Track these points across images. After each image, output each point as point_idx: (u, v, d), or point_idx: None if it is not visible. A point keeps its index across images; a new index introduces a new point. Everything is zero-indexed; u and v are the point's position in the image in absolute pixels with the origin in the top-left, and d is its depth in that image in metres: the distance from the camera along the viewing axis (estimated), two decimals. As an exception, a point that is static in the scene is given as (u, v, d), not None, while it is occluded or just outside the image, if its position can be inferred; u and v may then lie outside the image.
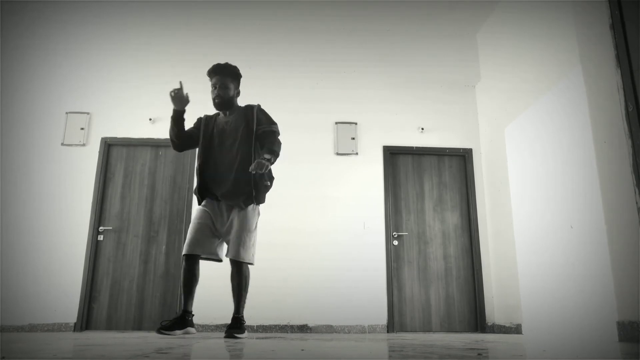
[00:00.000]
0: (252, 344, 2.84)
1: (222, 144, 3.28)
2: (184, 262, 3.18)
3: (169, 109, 5.73)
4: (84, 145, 5.56)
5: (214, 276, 4.31)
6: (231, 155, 3.25)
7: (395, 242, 5.61)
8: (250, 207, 3.26)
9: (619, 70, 3.20)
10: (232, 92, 3.35)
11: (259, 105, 3.43)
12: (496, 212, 5.51)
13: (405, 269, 5.56)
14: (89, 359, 1.83)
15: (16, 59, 5.73)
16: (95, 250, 5.30)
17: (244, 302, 3.27)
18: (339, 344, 2.86)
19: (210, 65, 3.54)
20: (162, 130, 5.69)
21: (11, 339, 3.28)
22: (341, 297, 5.29)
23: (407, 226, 5.70)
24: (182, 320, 3.17)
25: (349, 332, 5.13)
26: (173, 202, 5.55)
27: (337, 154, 5.78)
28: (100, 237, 5.35)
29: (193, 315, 3.26)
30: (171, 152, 5.70)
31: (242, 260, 3.18)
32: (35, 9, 5.64)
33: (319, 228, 5.49)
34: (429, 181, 5.86)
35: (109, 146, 5.64)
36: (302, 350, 2.38)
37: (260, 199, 3.27)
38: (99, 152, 5.56)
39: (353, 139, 5.83)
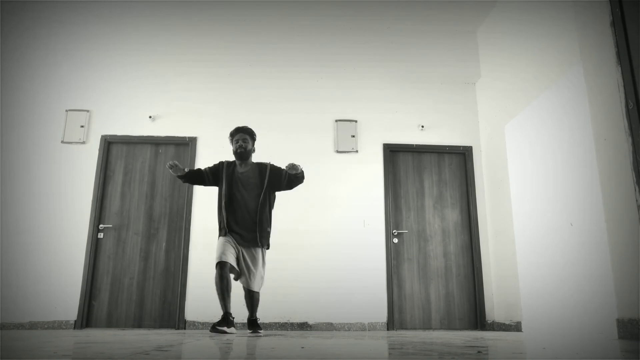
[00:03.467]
0: (252, 342, 2.85)
1: (242, 191, 3.94)
2: (217, 272, 3.70)
3: (168, 106, 5.76)
4: (84, 142, 5.56)
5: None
6: (248, 204, 3.91)
7: (395, 240, 5.60)
8: (262, 249, 3.95)
9: (620, 68, 3.20)
10: (250, 146, 4.07)
11: (270, 163, 4.12)
12: (496, 209, 5.51)
13: (405, 266, 5.56)
14: (90, 356, 1.84)
15: (16, 57, 5.72)
16: (95, 247, 5.30)
17: (257, 308, 3.97)
18: (339, 342, 2.86)
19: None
20: (161, 128, 5.69)
21: (11, 336, 3.29)
22: (341, 295, 5.29)
23: (407, 224, 5.70)
24: (227, 320, 3.67)
25: (349, 330, 5.13)
26: (173, 200, 5.55)
27: (337, 151, 5.77)
28: (101, 235, 5.35)
29: (233, 317, 3.80)
30: (171, 149, 5.70)
31: (254, 290, 3.87)
32: (36, 9, 5.64)
33: (319, 226, 5.49)
34: (429, 179, 5.86)
35: (109, 144, 5.63)
36: (302, 347, 2.38)
37: (266, 244, 3.96)
38: (99, 149, 5.56)
39: (353, 136, 5.82)
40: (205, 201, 5.46)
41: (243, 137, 4.05)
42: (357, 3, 5.54)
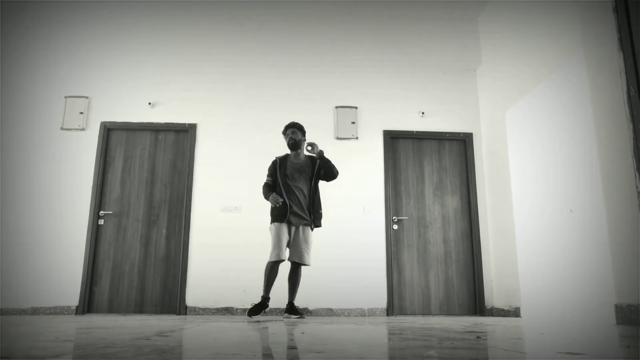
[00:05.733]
0: (252, 327, 2.87)
1: (296, 180, 4.41)
2: (271, 264, 4.20)
3: (168, 93, 5.73)
4: (83, 129, 5.54)
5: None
6: (303, 190, 4.41)
7: (395, 226, 5.62)
8: (310, 227, 4.41)
9: (622, 54, 3.18)
10: (299, 137, 4.52)
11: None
12: (496, 196, 5.51)
13: (405, 252, 5.58)
14: (91, 342, 1.85)
15: (15, 41, 5.69)
16: (96, 234, 5.32)
17: (297, 292, 4.36)
18: (339, 327, 2.88)
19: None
20: (161, 115, 5.67)
21: (13, 322, 3.31)
22: (341, 281, 5.31)
23: (407, 210, 5.70)
24: (264, 304, 4.21)
25: (349, 316, 5.16)
26: (173, 186, 5.55)
27: (337, 138, 5.76)
28: (101, 221, 5.36)
29: (269, 299, 4.28)
30: (171, 136, 5.68)
31: (305, 263, 4.29)
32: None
33: (319, 212, 5.49)
34: (429, 165, 5.85)
35: (108, 130, 5.62)
36: (303, 333, 2.40)
37: (316, 224, 4.43)
38: (99, 136, 5.55)
39: (353, 123, 5.80)
40: (206, 188, 5.47)
41: (293, 130, 4.55)
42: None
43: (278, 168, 4.49)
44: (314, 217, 4.41)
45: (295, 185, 4.39)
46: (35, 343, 1.76)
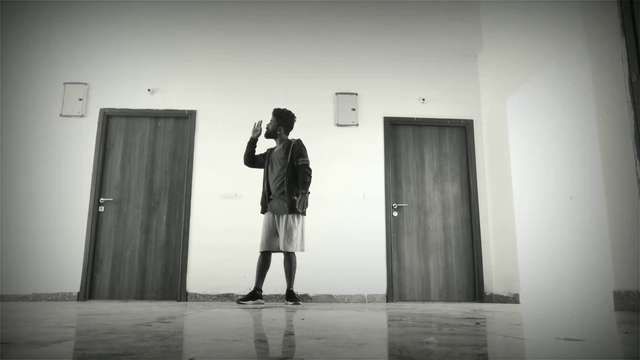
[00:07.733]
0: (252, 314, 2.88)
1: (273, 169, 4.42)
2: (260, 255, 4.30)
3: (167, 79, 5.70)
4: (82, 116, 5.52)
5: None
6: (277, 178, 4.36)
7: (395, 213, 5.62)
8: (290, 214, 4.26)
9: (624, 40, 3.16)
10: (272, 126, 4.52)
11: (298, 140, 4.44)
12: (496, 183, 5.51)
13: (404, 239, 5.59)
14: (93, 328, 1.86)
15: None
16: (96, 221, 5.32)
17: (294, 279, 4.33)
18: (339, 314, 2.90)
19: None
20: (160, 101, 5.65)
21: (15, 308, 3.33)
22: (341, 267, 5.33)
23: (407, 197, 5.71)
24: (254, 294, 4.21)
25: (348, 302, 5.19)
26: (173, 173, 5.54)
27: (338, 125, 5.74)
28: (101, 208, 5.36)
29: (262, 291, 4.29)
30: (170, 123, 5.67)
31: (287, 250, 4.23)
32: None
33: (319, 199, 5.49)
34: (429, 152, 5.84)
35: (107, 117, 5.60)
36: (303, 319, 2.41)
37: (294, 210, 4.25)
38: (98, 123, 5.53)
39: (353, 109, 5.78)
40: (206, 175, 5.46)
41: (271, 118, 4.56)
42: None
43: (267, 155, 4.53)
44: (289, 204, 4.24)
45: (273, 174, 4.40)
46: (37, 329, 1.77)
